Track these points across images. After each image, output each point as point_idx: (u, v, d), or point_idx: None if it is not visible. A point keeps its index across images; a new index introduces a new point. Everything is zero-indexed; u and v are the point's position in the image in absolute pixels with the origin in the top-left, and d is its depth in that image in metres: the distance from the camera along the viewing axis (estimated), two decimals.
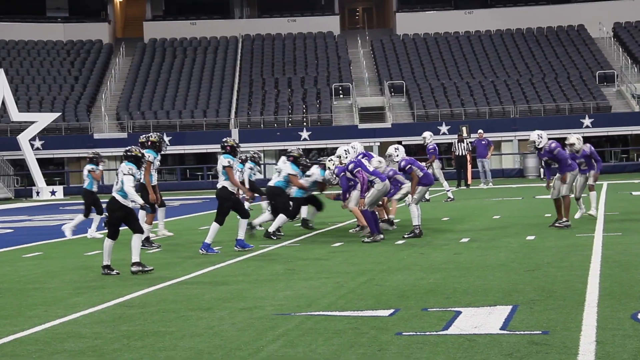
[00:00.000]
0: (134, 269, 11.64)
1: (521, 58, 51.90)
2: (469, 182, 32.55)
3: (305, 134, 44.16)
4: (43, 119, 43.22)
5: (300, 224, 17.22)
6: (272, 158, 45.62)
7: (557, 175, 15.72)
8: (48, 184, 42.54)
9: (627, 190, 26.20)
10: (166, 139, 16.74)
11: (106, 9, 59.49)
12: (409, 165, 15.25)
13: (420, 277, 10.32)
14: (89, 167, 17.50)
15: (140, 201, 11.89)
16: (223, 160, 13.66)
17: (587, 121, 43.63)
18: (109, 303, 9.33)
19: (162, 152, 15.71)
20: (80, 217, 17.64)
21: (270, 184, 16.12)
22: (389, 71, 51.12)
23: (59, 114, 45.16)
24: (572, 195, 16.20)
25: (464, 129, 35.39)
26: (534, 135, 15.77)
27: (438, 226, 16.60)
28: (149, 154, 14.99)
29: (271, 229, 15.50)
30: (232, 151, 13.90)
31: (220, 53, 53.94)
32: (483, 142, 33.31)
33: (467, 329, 7.20)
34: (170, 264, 12.76)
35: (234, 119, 47.03)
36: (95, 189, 17.45)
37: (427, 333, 7.11)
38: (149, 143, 15.20)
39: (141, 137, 15.42)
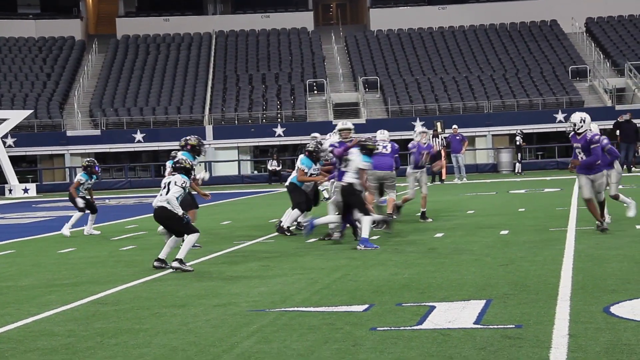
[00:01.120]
0: (175, 264, 11.26)
1: (494, 53, 52.12)
2: (443, 177, 32.68)
3: (279, 130, 44.14)
4: (15, 117, 42.92)
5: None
6: (246, 154, 45.62)
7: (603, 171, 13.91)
8: (21, 181, 42.24)
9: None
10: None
11: (78, 5, 59.17)
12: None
13: (394, 272, 10.34)
14: (79, 177, 17.34)
15: (181, 212, 11.64)
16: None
17: (560, 116, 43.87)
18: (83, 301, 9.28)
19: (201, 157, 14.49)
20: (92, 217, 17.42)
21: (289, 179, 15.70)
22: (363, 67, 51.17)
23: (31, 111, 44.86)
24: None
25: (438, 124, 35.48)
26: (575, 117, 13.67)
27: (412, 221, 16.65)
28: (185, 158, 13.94)
29: (285, 224, 15.33)
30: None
31: (193, 49, 53.76)
32: (457, 138, 33.47)
33: (441, 323, 7.22)
34: (144, 260, 12.70)
35: (207, 116, 46.91)
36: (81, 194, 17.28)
37: (402, 328, 7.12)
38: (188, 147, 14.36)
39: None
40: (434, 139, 33.73)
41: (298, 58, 52.84)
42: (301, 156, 15.50)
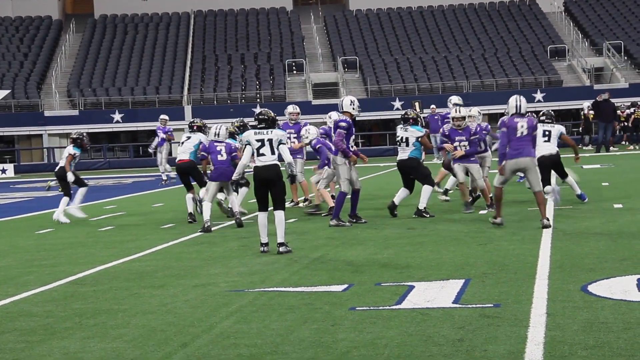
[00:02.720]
0: (282, 249, 10.61)
1: (473, 33, 52.14)
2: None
3: (259, 110, 43.98)
4: None
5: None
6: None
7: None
8: None
9: (577, 164, 26.47)
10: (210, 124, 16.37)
11: None
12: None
13: (373, 252, 10.36)
14: (72, 151, 16.32)
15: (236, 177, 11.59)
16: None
17: (538, 95, 44.00)
18: (61, 281, 9.25)
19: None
20: (65, 200, 16.40)
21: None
22: (342, 47, 51.06)
23: (9, 91, 44.51)
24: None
25: (416, 104, 35.45)
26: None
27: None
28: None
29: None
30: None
31: (172, 29, 53.46)
32: (435, 117, 33.47)
33: (420, 303, 7.24)
34: (123, 241, 12.67)
35: (186, 96, 46.72)
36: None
37: (381, 307, 7.14)
38: (195, 127, 15.47)
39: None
40: None
41: (277, 38, 52.66)
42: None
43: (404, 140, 14.09)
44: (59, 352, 6.20)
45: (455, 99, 17.80)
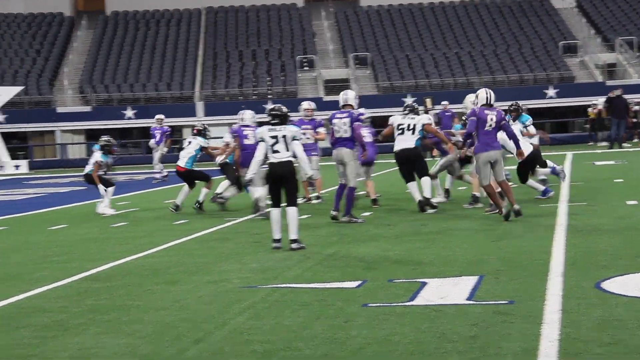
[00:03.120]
0: (295, 246, 10.58)
1: (485, 29, 52.03)
2: (434, 153, 32.65)
3: (270, 107, 43.96)
4: (5, 93, 42.72)
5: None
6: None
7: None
8: (12, 158, 42.11)
9: (590, 160, 26.43)
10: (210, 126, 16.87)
11: None
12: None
13: (386, 248, 10.34)
14: (99, 158, 16.43)
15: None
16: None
17: (551, 91, 43.89)
18: (74, 277, 9.27)
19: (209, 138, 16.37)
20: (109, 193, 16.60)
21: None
22: (354, 43, 51.03)
23: (22, 87, 44.64)
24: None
25: (428, 100, 35.43)
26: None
27: (403, 198, 16.63)
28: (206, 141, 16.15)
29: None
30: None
31: (183, 25, 53.52)
32: (448, 114, 33.41)
33: (433, 299, 7.23)
34: (135, 237, 12.69)
35: (198, 92, 46.77)
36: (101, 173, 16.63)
37: (394, 304, 7.13)
38: (195, 131, 16.36)
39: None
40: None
41: (288, 34, 52.66)
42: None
43: (410, 127, 14.00)
44: (73, 348, 6.21)
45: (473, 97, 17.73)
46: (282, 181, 10.65)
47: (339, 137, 13.39)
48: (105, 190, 16.39)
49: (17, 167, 40.72)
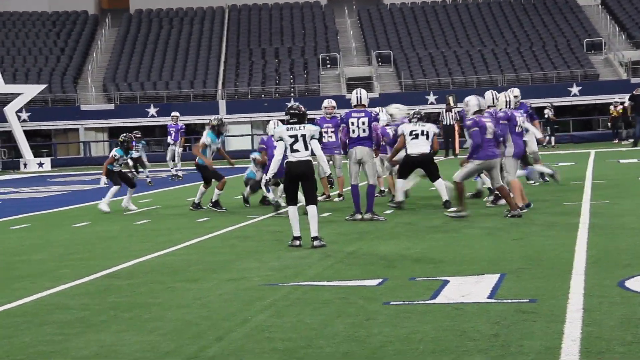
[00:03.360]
0: (316, 243, 10.61)
1: (509, 26, 51.80)
2: (457, 151, 32.62)
3: (289, 105, 43.95)
4: (29, 91, 43.00)
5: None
6: (259, 129, 45.61)
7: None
8: (35, 156, 42.38)
9: (615, 158, 26.27)
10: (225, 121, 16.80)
11: None
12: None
13: (407, 246, 10.32)
14: (114, 153, 16.66)
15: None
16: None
17: (574, 89, 43.65)
18: (96, 275, 9.31)
19: (224, 134, 16.05)
20: (130, 191, 16.87)
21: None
22: (377, 41, 50.96)
23: (45, 85, 44.91)
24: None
25: (450, 98, 35.38)
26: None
27: (425, 196, 16.59)
28: (207, 137, 15.82)
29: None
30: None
31: (206, 23, 53.65)
32: None
33: (455, 297, 7.21)
34: (157, 235, 12.73)
35: (221, 90, 46.87)
36: (116, 169, 16.74)
37: (415, 302, 7.12)
38: (209, 126, 15.96)
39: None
40: (446, 113, 33.79)
41: (311, 32, 52.66)
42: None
43: (424, 133, 14.18)
44: (95, 345, 6.24)
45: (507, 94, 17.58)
46: (301, 179, 10.68)
47: (357, 136, 13.37)
48: (105, 183, 16.67)
49: (40, 164, 40.98)
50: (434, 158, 14.62)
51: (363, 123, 13.33)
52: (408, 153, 14.22)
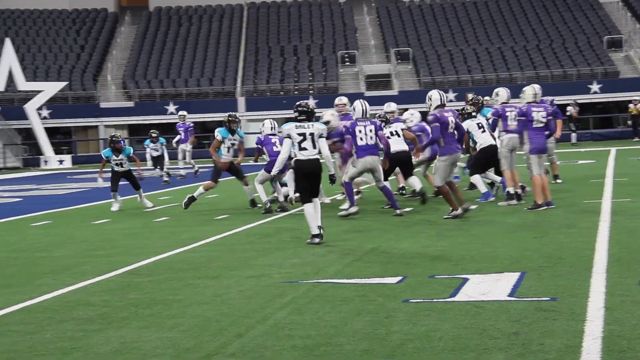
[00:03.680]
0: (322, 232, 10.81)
1: (528, 24, 51.59)
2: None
3: (311, 102, 44.01)
4: (50, 88, 43.23)
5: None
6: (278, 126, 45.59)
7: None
8: (56, 153, 42.60)
9: (635, 156, 26.13)
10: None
11: None
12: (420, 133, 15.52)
13: (427, 244, 10.31)
14: (103, 155, 16.65)
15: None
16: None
17: (595, 87, 43.43)
18: (117, 271, 9.35)
19: (239, 130, 15.63)
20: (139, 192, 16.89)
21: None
22: (395, 38, 50.88)
23: (66, 83, 45.12)
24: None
25: (469, 95, 35.24)
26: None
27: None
28: (218, 133, 15.43)
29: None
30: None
31: (225, 21, 53.74)
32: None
33: (475, 295, 7.19)
34: (177, 232, 12.77)
35: (240, 87, 46.93)
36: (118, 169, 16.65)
37: (435, 300, 7.11)
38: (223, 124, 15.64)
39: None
40: None
41: (330, 29, 52.65)
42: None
43: (394, 133, 14.93)
44: (116, 341, 6.27)
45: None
46: (312, 177, 10.83)
47: (365, 144, 13.47)
48: (102, 180, 16.97)
49: (61, 161, 41.19)
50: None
51: (370, 131, 13.48)
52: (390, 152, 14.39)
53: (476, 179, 14.91)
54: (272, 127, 15.38)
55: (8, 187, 26.93)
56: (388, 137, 14.36)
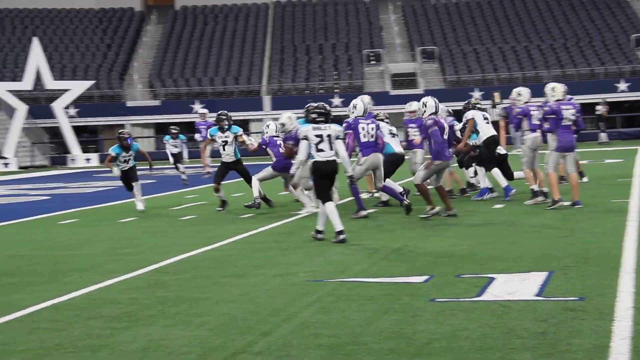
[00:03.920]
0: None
1: (555, 22, 51.31)
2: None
3: (337, 101, 44.04)
4: (77, 87, 43.51)
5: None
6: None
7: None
8: (83, 151, 42.86)
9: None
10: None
11: None
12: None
13: (453, 243, 10.28)
14: (111, 152, 16.48)
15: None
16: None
17: (622, 85, 43.12)
18: (144, 269, 9.39)
19: (226, 128, 15.49)
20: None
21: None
22: (421, 37, 50.77)
23: (93, 82, 45.38)
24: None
25: (496, 94, 35.08)
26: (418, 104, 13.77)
27: (471, 193, 16.51)
28: (208, 133, 15.79)
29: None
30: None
31: (251, 20, 53.85)
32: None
33: (501, 295, 7.16)
34: (203, 230, 12.81)
35: (265, 86, 47.00)
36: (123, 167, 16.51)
37: (461, 299, 7.09)
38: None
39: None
40: (492, 109, 33.54)
41: (355, 28, 52.62)
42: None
43: (396, 134, 15.04)
44: (143, 339, 6.30)
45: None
46: (329, 178, 10.96)
47: (367, 141, 13.64)
48: (116, 169, 16.40)
49: (88, 160, 41.44)
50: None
51: (372, 129, 13.68)
52: (395, 152, 14.53)
53: (496, 172, 14.90)
54: (276, 129, 15.15)
55: (36, 185, 27.14)
56: (393, 137, 14.61)
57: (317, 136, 10.91)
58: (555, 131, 13.25)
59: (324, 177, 10.93)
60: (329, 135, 10.91)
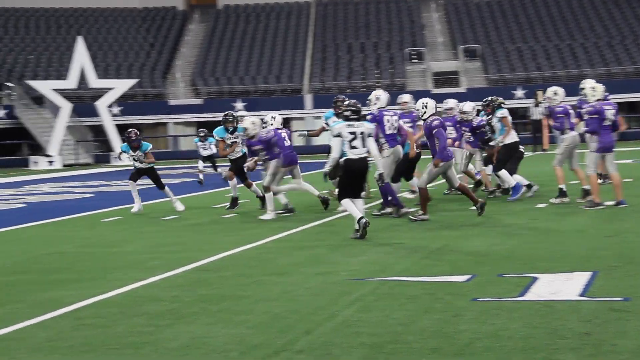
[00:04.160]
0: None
1: (599, 19, 50.75)
2: (545, 146, 32.13)
3: (347, 102, 43.78)
4: (121, 86, 43.86)
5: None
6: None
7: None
8: None
9: None
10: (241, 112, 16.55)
11: None
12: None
13: (495, 242, 10.22)
14: (120, 149, 16.61)
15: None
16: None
17: None
18: (186, 267, 9.45)
19: (231, 129, 15.70)
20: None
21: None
22: (463, 35, 50.50)
23: (137, 80, 45.72)
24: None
25: (540, 93, 34.81)
26: (418, 103, 13.35)
27: (502, 197, 16.38)
28: (215, 134, 15.88)
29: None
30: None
31: (292, 18, 53.93)
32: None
33: (545, 295, 7.11)
34: (244, 228, 12.86)
35: (307, 85, 47.05)
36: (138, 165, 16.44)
37: (504, 299, 7.04)
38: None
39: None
40: (535, 108, 33.32)
41: (397, 26, 52.48)
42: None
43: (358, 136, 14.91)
44: (186, 337, 6.34)
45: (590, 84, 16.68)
46: (360, 175, 11.13)
47: (391, 133, 13.70)
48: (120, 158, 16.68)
49: None
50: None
51: (396, 121, 13.79)
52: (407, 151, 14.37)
53: (503, 173, 14.83)
54: (282, 122, 15.10)
55: (80, 183, 27.41)
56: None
57: (350, 133, 11.08)
58: (598, 131, 13.10)
59: (355, 175, 11.07)
60: (362, 133, 11.12)
